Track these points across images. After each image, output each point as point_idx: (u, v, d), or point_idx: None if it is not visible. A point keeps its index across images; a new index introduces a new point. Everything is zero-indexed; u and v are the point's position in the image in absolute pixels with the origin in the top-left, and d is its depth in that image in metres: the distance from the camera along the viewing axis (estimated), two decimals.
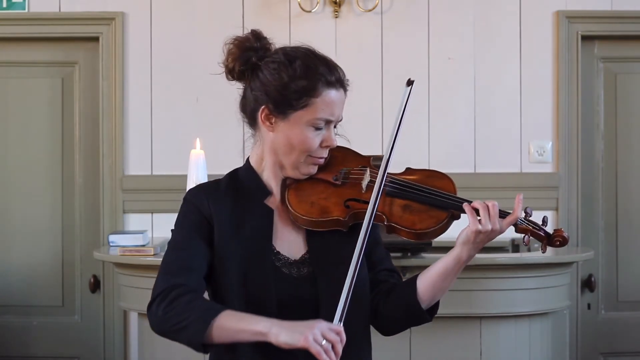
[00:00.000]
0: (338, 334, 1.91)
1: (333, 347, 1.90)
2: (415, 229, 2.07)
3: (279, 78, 2.06)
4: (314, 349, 1.88)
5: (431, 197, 2.08)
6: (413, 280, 2.12)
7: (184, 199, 2.14)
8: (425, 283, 2.10)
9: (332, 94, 2.07)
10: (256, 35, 2.12)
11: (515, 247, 4.32)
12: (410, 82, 2.09)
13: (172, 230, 2.15)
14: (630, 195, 4.73)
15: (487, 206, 2.04)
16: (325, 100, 2.05)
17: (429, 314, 2.14)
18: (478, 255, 3.42)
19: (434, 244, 3.42)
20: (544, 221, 2.09)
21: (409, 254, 3.49)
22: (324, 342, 1.89)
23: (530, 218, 2.08)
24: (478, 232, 2.03)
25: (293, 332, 1.90)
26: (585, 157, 4.67)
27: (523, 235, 2.08)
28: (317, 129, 2.07)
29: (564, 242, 2.07)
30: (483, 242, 2.05)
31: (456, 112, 4.61)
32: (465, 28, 4.61)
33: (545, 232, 2.08)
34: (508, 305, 3.57)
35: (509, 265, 3.58)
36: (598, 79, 4.72)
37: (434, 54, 4.61)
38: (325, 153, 2.11)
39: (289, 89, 2.05)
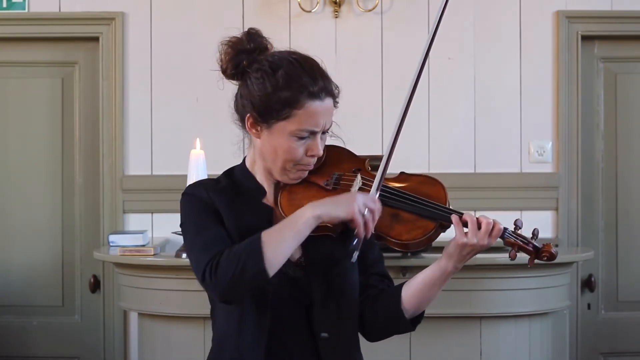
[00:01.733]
0: (376, 203, 2.00)
1: (372, 216, 1.98)
2: (401, 240, 2.05)
3: (262, 88, 2.04)
4: (358, 220, 1.95)
5: (420, 207, 2.06)
6: (398, 289, 2.12)
7: (184, 194, 2.12)
8: (410, 292, 2.09)
9: (315, 104, 2.03)
10: (250, 36, 2.10)
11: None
12: None
13: (180, 225, 2.11)
14: (630, 195, 4.73)
15: (477, 221, 2.01)
16: (307, 112, 2.02)
17: (412, 324, 2.13)
18: (478, 255, 3.42)
19: (434, 244, 3.41)
20: (534, 234, 2.07)
21: (408, 254, 3.48)
22: (366, 211, 1.97)
23: (519, 232, 2.05)
24: (464, 245, 2.02)
25: (339, 206, 1.96)
26: (585, 157, 4.67)
27: (510, 249, 2.06)
28: (301, 138, 2.04)
29: (551, 258, 2.04)
30: (469, 255, 2.04)
31: (456, 112, 4.61)
32: (465, 28, 4.61)
33: (534, 246, 2.05)
34: (508, 305, 3.57)
35: (509, 265, 3.57)
36: (598, 79, 4.72)
37: (434, 54, 4.56)
38: (312, 161, 2.09)
39: (271, 99, 2.03)
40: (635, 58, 4.73)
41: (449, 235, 2.11)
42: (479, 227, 2.02)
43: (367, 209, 1.96)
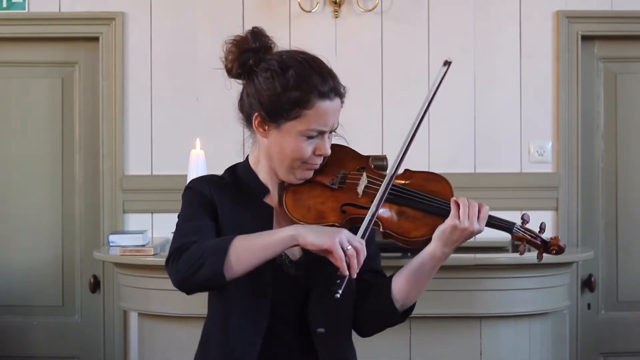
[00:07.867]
0: (362, 245, 1.93)
1: (357, 256, 1.92)
2: (410, 237, 2.06)
3: (272, 87, 2.04)
4: (338, 253, 1.90)
5: (427, 204, 2.06)
6: (388, 280, 2.12)
7: (187, 187, 2.14)
8: (400, 281, 2.09)
9: (325, 104, 2.04)
10: (255, 35, 2.10)
11: (515, 247, 4.31)
12: (447, 63, 2.07)
13: (177, 217, 2.12)
14: (630, 195, 4.73)
15: (469, 204, 2.02)
16: (317, 112, 2.03)
17: (402, 315, 2.12)
18: (478, 255, 3.42)
19: None
20: (542, 228, 2.07)
21: (409, 254, 3.48)
22: (349, 247, 1.91)
23: (526, 226, 2.06)
24: (454, 227, 2.01)
25: (320, 234, 1.92)
26: (585, 157, 4.67)
27: (518, 243, 2.06)
28: (310, 138, 2.05)
29: (560, 251, 2.05)
30: (458, 240, 2.03)
31: (456, 112, 4.61)
32: (465, 28, 4.61)
33: (542, 240, 2.06)
34: (508, 305, 3.57)
35: (509, 265, 3.57)
36: (598, 79, 4.72)
37: (434, 54, 4.60)
38: (319, 160, 2.09)
39: (281, 99, 2.03)
40: (635, 58, 4.72)
41: None
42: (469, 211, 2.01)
43: (350, 246, 1.91)
